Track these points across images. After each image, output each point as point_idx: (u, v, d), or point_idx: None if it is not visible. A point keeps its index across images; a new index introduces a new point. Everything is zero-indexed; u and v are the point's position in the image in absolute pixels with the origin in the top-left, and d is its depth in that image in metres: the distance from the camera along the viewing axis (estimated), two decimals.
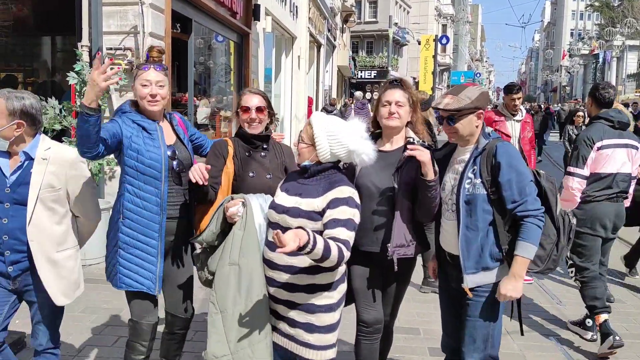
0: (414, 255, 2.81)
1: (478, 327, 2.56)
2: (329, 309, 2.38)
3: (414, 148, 2.46)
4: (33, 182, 2.50)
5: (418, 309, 4.61)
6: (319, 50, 20.87)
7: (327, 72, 23.23)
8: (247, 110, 2.76)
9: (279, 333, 2.46)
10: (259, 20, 10.83)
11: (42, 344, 2.69)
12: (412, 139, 2.77)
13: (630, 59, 40.95)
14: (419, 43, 33.49)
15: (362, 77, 35.59)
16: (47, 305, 2.63)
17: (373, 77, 35.05)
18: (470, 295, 2.54)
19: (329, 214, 2.27)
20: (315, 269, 2.32)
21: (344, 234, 2.23)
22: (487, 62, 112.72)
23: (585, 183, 3.96)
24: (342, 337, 2.86)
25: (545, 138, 17.08)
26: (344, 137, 2.35)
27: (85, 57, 5.67)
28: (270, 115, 2.84)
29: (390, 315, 2.95)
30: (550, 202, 2.52)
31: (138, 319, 2.77)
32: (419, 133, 2.85)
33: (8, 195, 2.50)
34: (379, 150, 2.75)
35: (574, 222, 2.58)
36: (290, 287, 2.37)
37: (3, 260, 2.53)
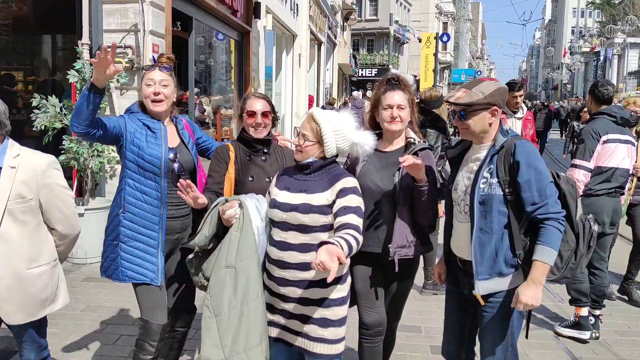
0: (416, 256, 2.79)
1: (497, 339, 2.42)
2: (342, 302, 2.39)
3: (405, 160, 2.44)
4: (0, 192, 2.29)
5: (419, 307, 4.59)
6: (320, 48, 20.87)
7: (327, 70, 23.21)
8: (253, 115, 2.74)
9: (289, 331, 2.43)
10: (260, 18, 10.81)
11: (30, 359, 2.55)
12: (412, 140, 2.77)
13: (632, 57, 40.82)
14: (420, 41, 33.49)
15: (362, 75, 35.66)
16: (28, 325, 2.46)
17: (374, 75, 35.11)
18: (483, 303, 2.41)
19: (339, 202, 2.29)
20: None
21: (356, 220, 2.25)
22: (488, 59, 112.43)
23: (590, 176, 4.02)
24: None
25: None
26: (348, 131, 2.38)
27: (86, 55, 5.66)
28: (273, 120, 2.84)
29: (394, 317, 2.93)
30: (570, 206, 2.35)
31: (149, 319, 2.74)
32: (417, 133, 2.86)
33: None
34: (380, 151, 2.75)
35: (596, 228, 2.39)
36: (305, 284, 2.35)
37: None
